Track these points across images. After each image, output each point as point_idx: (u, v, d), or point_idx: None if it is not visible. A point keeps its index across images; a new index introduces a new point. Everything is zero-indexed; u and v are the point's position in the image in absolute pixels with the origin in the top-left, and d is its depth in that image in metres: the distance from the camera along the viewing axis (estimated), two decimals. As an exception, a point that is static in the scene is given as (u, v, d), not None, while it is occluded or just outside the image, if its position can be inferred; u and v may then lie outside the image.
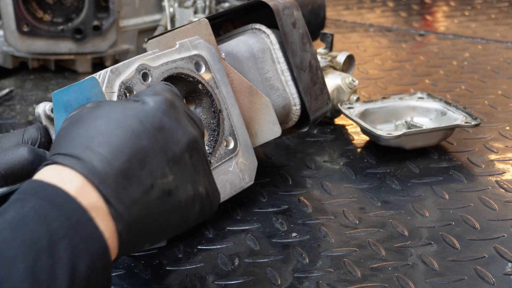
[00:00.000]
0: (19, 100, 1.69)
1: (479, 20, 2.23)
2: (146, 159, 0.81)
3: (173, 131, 0.84)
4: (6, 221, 0.74)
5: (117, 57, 1.85)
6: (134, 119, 0.82)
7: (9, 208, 0.75)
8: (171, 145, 0.84)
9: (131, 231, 0.80)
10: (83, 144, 0.80)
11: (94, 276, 0.75)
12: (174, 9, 1.78)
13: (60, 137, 0.83)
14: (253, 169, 1.16)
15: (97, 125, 0.81)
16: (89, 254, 0.75)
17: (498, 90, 1.68)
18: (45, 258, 0.72)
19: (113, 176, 0.79)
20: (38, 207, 0.75)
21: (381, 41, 2.06)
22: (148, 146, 0.82)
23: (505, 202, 1.21)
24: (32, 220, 0.74)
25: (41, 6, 1.78)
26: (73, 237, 0.74)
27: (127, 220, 0.79)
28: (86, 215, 0.76)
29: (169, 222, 0.84)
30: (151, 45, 1.18)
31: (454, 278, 1.02)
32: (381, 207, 1.21)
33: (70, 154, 0.79)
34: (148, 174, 0.81)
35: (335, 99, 1.49)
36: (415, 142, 1.36)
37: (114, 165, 0.79)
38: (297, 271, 1.05)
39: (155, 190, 0.82)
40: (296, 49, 1.25)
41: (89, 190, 0.78)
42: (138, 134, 0.81)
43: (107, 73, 1.00)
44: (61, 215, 0.75)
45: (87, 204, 0.77)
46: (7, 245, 0.72)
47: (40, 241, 0.72)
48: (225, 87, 1.14)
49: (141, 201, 0.80)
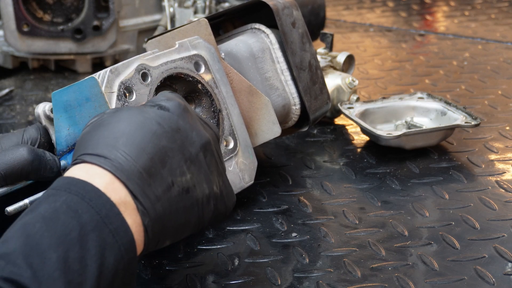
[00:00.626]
0: (19, 100, 1.69)
1: (479, 20, 2.23)
2: (166, 158, 0.86)
3: (188, 132, 0.89)
4: (39, 214, 0.78)
5: (117, 57, 1.85)
6: (153, 122, 0.87)
7: (42, 202, 0.80)
8: (187, 146, 0.88)
9: (155, 227, 0.84)
10: (109, 144, 0.84)
11: (120, 269, 0.79)
12: (174, 9, 1.77)
13: (85, 140, 0.87)
14: (253, 169, 1.16)
15: (120, 127, 0.86)
16: (116, 247, 0.79)
17: (498, 90, 1.68)
18: (76, 249, 0.76)
19: (138, 173, 0.83)
20: (70, 201, 0.79)
21: (381, 41, 2.06)
22: (167, 146, 0.86)
23: (505, 202, 1.21)
24: (64, 213, 0.78)
25: (41, 6, 1.78)
26: (102, 230, 0.78)
27: (152, 215, 0.83)
28: (115, 209, 0.80)
29: (188, 220, 0.88)
30: (151, 45, 1.18)
31: (454, 278, 1.02)
32: (381, 207, 1.21)
33: (97, 153, 0.84)
34: (169, 172, 0.86)
35: (335, 99, 1.49)
36: (415, 142, 1.36)
37: (139, 163, 0.84)
38: (297, 271, 1.04)
39: (175, 188, 0.86)
40: (296, 48, 1.25)
41: (118, 186, 0.82)
42: (158, 135, 0.86)
43: (107, 73, 1.00)
44: (91, 209, 0.79)
45: (115, 199, 0.81)
46: (41, 236, 0.75)
47: (72, 233, 0.76)
48: (224, 87, 1.14)
49: (164, 198, 0.85)
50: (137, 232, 0.82)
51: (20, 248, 0.75)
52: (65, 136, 1.02)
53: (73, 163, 0.85)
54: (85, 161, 0.84)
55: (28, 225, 0.77)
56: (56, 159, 1.01)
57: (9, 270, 0.73)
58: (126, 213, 0.81)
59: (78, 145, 0.87)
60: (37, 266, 0.73)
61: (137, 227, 0.82)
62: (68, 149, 1.02)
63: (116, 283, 0.79)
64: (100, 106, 0.99)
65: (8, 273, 0.72)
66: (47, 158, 0.99)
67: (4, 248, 0.75)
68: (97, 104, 0.99)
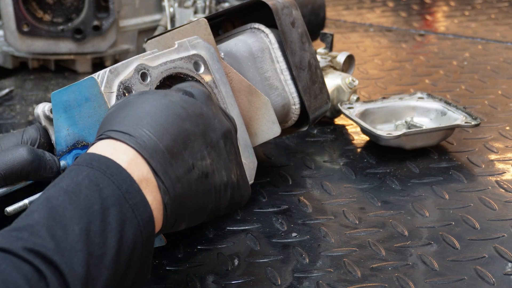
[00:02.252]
0: (19, 100, 1.69)
1: (479, 20, 2.23)
2: (189, 141, 0.87)
3: (211, 119, 0.91)
4: (62, 188, 0.80)
5: (117, 57, 1.85)
6: (178, 105, 0.89)
7: (64, 177, 0.82)
8: (209, 131, 0.90)
9: (174, 206, 0.85)
10: (134, 123, 0.86)
11: (139, 244, 0.80)
12: (174, 9, 1.77)
13: (110, 118, 0.89)
14: (253, 169, 1.16)
15: (145, 107, 0.88)
16: (135, 222, 0.80)
17: (498, 90, 1.68)
18: (97, 222, 0.77)
19: (161, 153, 0.85)
20: (92, 175, 0.81)
21: (381, 41, 2.06)
22: (190, 130, 0.88)
23: (505, 202, 1.21)
24: (86, 187, 0.79)
25: (41, 6, 1.78)
26: (123, 205, 0.80)
27: (172, 194, 0.85)
28: (135, 185, 0.81)
29: (205, 204, 0.90)
30: (150, 45, 1.18)
31: (454, 278, 1.02)
32: (381, 207, 1.21)
33: (122, 130, 0.86)
34: (190, 154, 0.87)
35: (335, 99, 1.49)
36: (415, 142, 1.35)
37: (162, 142, 0.85)
38: (297, 271, 1.04)
39: (195, 171, 0.87)
40: (295, 48, 1.25)
41: (140, 162, 0.84)
42: (182, 118, 0.88)
43: (106, 73, 1.00)
44: (112, 184, 0.80)
45: (138, 176, 0.82)
46: (64, 208, 0.77)
47: (93, 206, 0.78)
48: (224, 87, 1.14)
49: (184, 179, 0.86)
50: (156, 209, 0.83)
51: (43, 220, 0.76)
52: (64, 136, 1.02)
53: (98, 138, 0.87)
54: (110, 137, 0.86)
55: (51, 198, 0.78)
56: (55, 159, 1.01)
57: (33, 241, 0.74)
58: (147, 190, 0.83)
59: (104, 123, 0.89)
60: (60, 238, 0.75)
61: (157, 204, 0.83)
62: (68, 149, 1.02)
63: (134, 257, 0.80)
64: (99, 106, 0.98)
65: (32, 244, 0.73)
66: (46, 158, 0.99)
67: (28, 220, 0.76)
68: (96, 104, 0.99)
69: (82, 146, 1.01)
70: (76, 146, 1.01)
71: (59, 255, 0.74)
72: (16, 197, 0.99)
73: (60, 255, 0.74)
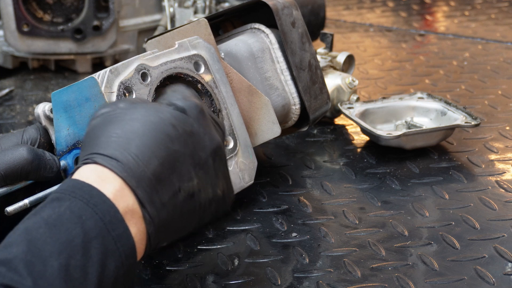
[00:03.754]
0: (19, 100, 1.69)
1: (479, 20, 2.23)
2: (177, 163, 0.84)
3: (201, 137, 0.87)
4: (43, 219, 0.77)
5: (117, 57, 1.85)
6: (168, 124, 0.85)
7: (46, 206, 0.79)
8: (198, 150, 0.87)
9: (157, 233, 0.83)
10: (121, 146, 0.82)
11: (120, 276, 0.78)
12: (174, 9, 1.77)
13: (96, 135, 0.85)
14: (253, 169, 1.16)
15: (133, 126, 0.84)
16: (117, 254, 0.78)
17: (498, 90, 1.68)
18: (78, 257, 0.75)
19: (148, 180, 0.82)
20: (74, 206, 0.78)
21: (381, 41, 2.06)
22: (179, 151, 0.84)
23: (505, 202, 1.21)
24: (68, 219, 0.77)
25: (41, 6, 1.78)
26: (105, 237, 0.77)
27: (156, 222, 0.82)
28: (119, 215, 0.79)
29: (189, 222, 0.87)
30: (151, 45, 1.18)
31: (454, 278, 1.02)
32: (381, 207, 1.21)
33: (109, 155, 0.82)
34: (177, 177, 0.84)
35: (335, 99, 1.49)
36: (415, 142, 1.35)
37: (149, 168, 0.82)
38: (297, 271, 1.04)
39: (181, 193, 0.84)
40: (296, 48, 1.25)
41: (127, 193, 0.81)
42: (171, 138, 0.84)
43: (106, 73, 1.00)
44: (96, 215, 0.78)
45: (123, 207, 0.80)
46: (43, 242, 0.75)
47: (75, 240, 0.76)
48: (224, 87, 1.14)
49: (169, 204, 0.83)
50: (139, 241, 0.81)
51: (22, 254, 0.74)
52: (64, 136, 1.02)
53: (83, 161, 0.83)
54: (96, 163, 0.82)
55: (31, 230, 0.76)
56: (55, 159, 1.01)
57: (10, 277, 0.72)
58: (131, 222, 0.80)
59: (89, 138, 0.86)
60: (38, 274, 0.73)
61: (140, 235, 0.81)
62: (68, 149, 1.02)
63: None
64: (100, 106, 0.98)
65: (9, 280, 0.72)
66: (46, 158, 0.99)
67: (6, 253, 0.74)
68: (96, 104, 0.99)
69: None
70: (76, 146, 1.01)
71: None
72: (16, 197, 0.99)
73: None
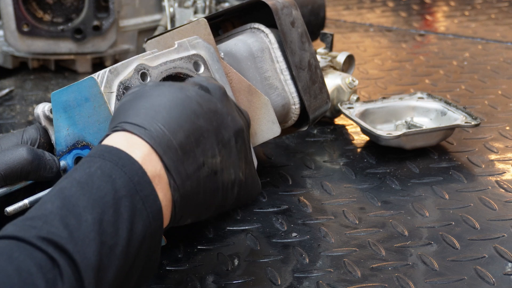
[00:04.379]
0: (19, 100, 1.69)
1: (479, 20, 2.23)
2: (201, 138, 0.87)
3: (225, 116, 0.90)
4: (74, 179, 0.80)
5: (117, 57, 1.85)
6: (194, 101, 0.89)
7: (76, 169, 0.82)
8: (222, 129, 0.90)
9: (182, 203, 0.86)
10: (149, 116, 0.86)
11: (148, 236, 0.80)
12: (174, 9, 1.77)
13: (125, 108, 0.88)
14: (252, 169, 1.16)
15: (161, 100, 0.87)
16: (145, 214, 0.80)
17: (498, 90, 1.68)
18: (110, 213, 0.78)
19: (174, 149, 0.85)
20: (104, 166, 0.81)
21: (381, 41, 2.06)
22: (204, 127, 0.88)
23: (505, 202, 1.21)
24: (99, 178, 0.80)
25: (41, 6, 1.78)
26: (134, 196, 0.80)
27: (182, 192, 0.85)
28: (146, 177, 0.82)
29: (211, 201, 0.90)
30: (150, 45, 1.18)
31: (454, 278, 1.02)
32: (381, 207, 1.20)
33: (138, 123, 0.85)
34: (201, 152, 0.87)
35: (335, 99, 1.49)
36: (415, 142, 1.35)
37: (176, 139, 0.85)
38: (297, 271, 1.04)
39: (205, 168, 0.87)
40: (295, 48, 1.25)
41: (154, 158, 0.84)
42: (196, 114, 0.87)
43: (106, 73, 1.00)
44: (125, 175, 0.81)
45: (151, 172, 0.83)
46: (76, 199, 0.78)
47: (106, 196, 0.79)
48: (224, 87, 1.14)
49: (194, 177, 0.86)
50: (166, 206, 0.84)
51: (56, 209, 0.76)
52: (64, 136, 1.02)
53: (112, 129, 0.86)
54: (125, 130, 0.85)
55: (64, 189, 0.79)
56: (55, 159, 1.01)
57: (47, 229, 0.74)
58: (158, 187, 0.83)
59: (118, 112, 0.89)
60: (73, 227, 0.75)
61: (167, 201, 0.84)
62: (68, 149, 1.02)
63: (143, 249, 0.80)
64: (99, 106, 0.98)
65: (46, 232, 0.74)
66: (46, 158, 0.99)
67: (42, 210, 0.77)
68: (96, 104, 0.99)
69: (82, 146, 1.01)
70: (76, 146, 1.01)
71: (72, 244, 0.74)
72: (16, 197, 0.99)
73: (73, 244, 0.74)
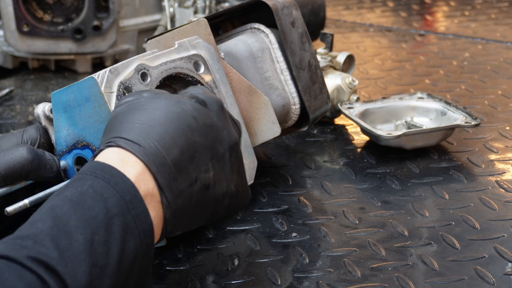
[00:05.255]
0: (19, 100, 1.69)
1: (479, 20, 2.23)
2: (196, 153, 0.87)
3: (220, 131, 0.90)
4: (66, 197, 0.80)
5: (117, 57, 1.85)
6: (189, 115, 0.88)
7: (68, 186, 0.81)
8: (217, 144, 0.89)
9: (173, 219, 0.86)
10: (144, 132, 0.85)
11: (139, 254, 0.80)
12: (174, 9, 1.77)
13: (120, 120, 0.88)
14: (253, 169, 1.16)
15: (156, 115, 0.87)
16: (137, 233, 0.80)
17: (498, 90, 1.68)
18: (101, 232, 0.77)
19: (168, 167, 0.84)
20: (96, 185, 0.80)
21: (381, 41, 2.06)
22: (198, 142, 0.87)
23: (505, 202, 1.21)
24: (91, 197, 0.79)
25: (41, 6, 1.78)
26: (125, 215, 0.80)
27: (173, 208, 0.85)
28: (138, 195, 0.81)
29: (202, 214, 0.90)
30: (150, 45, 1.18)
31: (454, 278, 1.02)
32: (381, 207, 1.21)
33: (132, 140, 0.85)
34: (195, 167, 0.87)
35: (335, 99, 1.49)
36: (415, 142, 1.35)
37: (170, 156, 0.85)
38: (297, 271, 1.04)
39: (198, 183, 0.87)
40: (295, 48, 1.25)
41: (147, 177, 0.83)
42: (192, 129, 0.87)
43: (106, 73, 1.00)
44: (117, 194, 0.80)
45: (144, 190, 0.82)
46: (68, 218, 0.77)
47: (98, 216, 0.78)
48: (224, 87, 1.14)
49: (186, 192, 0.86)
50: (157, 224, 0.84)
51: (47, 229, 0.76)
52: (64, 136, 1.02)
53: (106, 144, 0.86)
54: (119, 146, 0.85)
55: (56, 207, 0.78)
56: (55, 159, 1.01)
57: (37, 250, 0.74)
58: (150, 205, 0.83)
59: (112, 123, 0.88)
60: (64, 247, 0.75)
61: (158, 218, 0.84)
62: (68, 149, 1.02)
63: (134, 267, 0.80)
64: (99, 106, 0.98)
65: (36, 252, 0.73)
66: (46, 158, 0.99)
67: (32, 229, 0.76)
68: (96, 104, 0.99)
69: (82, 146, 1.01)
70: (76, 146, 1.01)
71: (63, 265, 0.74)
72: (16, 197, 0.99)
73: (63, 265, 0.74)
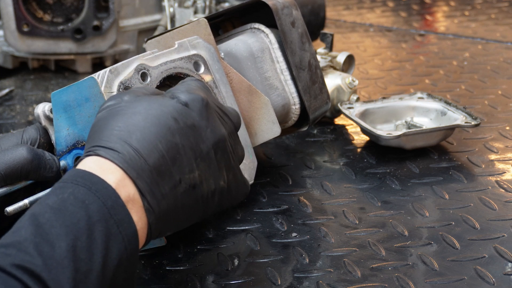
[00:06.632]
0: (19, 100, 1.69)
1: (479, 20, 2.23)
2: (177, 155, 0.87)
3: (203, 129, 0.90)
4: (48, 205, 0.80)
5: (117, 57, 1.85)
6: (170, 117, 0.88)
7: (49, 194, 0.82)
8: (200, 143, 0.89)
9: (158, 223, 0.85)
10: (122, 139, 0.85)
11: (124, 259, 0.80)
12: (174, 9, 1.77)
13: (100, 127, 0.88)
14: (253, 169, 1.16)
15: (135, 120, 0.87)
16: (120, 238, 0.80)
17: (498, 90, 1.68)
18: (84, 239, 0.77)
19: (148, 172, 0.84)
20: (77, 192, 0.81)
21: (381, 41, 2.06)
22: (180, 144, 0.87)
23: (505, 202, 1.21)
24: (72, 204, 0.79)
25: (41, 6, 1.78)
26: (108, 221, 0.80)
27: (157, 213, 0.85)
28: (120, 201, 0.81)
29: (192, 213, 0.90)
30: (150, 45, 1.18)
31: (454, 278, 1.02)
32: (381, 207, 1.21)
33: (111, 147, 0.85)
34: (178, 169, 0.87)
35: (335, 99, 1.49)
36: (415, 142, 1.35)
37: (150, 160, 0.85)
38: (297, 271, 1.04)
39: (182, 185, 0.87)
40: (295, 48, 1.25)
41: (128, 183, 0.83)
42: (172, 131, 0.87)
43: (106, 73, 1.00)
44: (98, 200, 0.80)
45: (125, 196, 0.82)
46: (50, 225, 0.77)
47: (79, 223, 0.78)
48: (224, 87, 1.14)
49: (170, 195, 0.86)
50: (141, 228, 0.83)
51: (30, 236, 0.76)
52: (64, 136, 1.02)
53: (86, 153, 0.86)
54: (98, 155, 0.85)
55: (38, 215, 0.78)
56: (55, 159, 1.01)
57: (21, 257, 0.74)
58: (133, 210, 0.82)
59: (93, 131, 0.88)
60: (47, 254, 0.75)
61: (142, 223, 0.83)
62: (68, 149, 1.02)
63: (119, 273, 0.80)
64: (99, 106, 0.98)
65: (20, 260, 0.74)
66: (46, 158, 0.99)
67: (15, 237, 0.76)
68: (96, 104, 0.99)
69: (82, 146, 1.01)
70: (76, 146, 1.01)
71: (47, 272, 0.74)
72: (16, 197, 0.99)
73: (47, 272, 0.74)
